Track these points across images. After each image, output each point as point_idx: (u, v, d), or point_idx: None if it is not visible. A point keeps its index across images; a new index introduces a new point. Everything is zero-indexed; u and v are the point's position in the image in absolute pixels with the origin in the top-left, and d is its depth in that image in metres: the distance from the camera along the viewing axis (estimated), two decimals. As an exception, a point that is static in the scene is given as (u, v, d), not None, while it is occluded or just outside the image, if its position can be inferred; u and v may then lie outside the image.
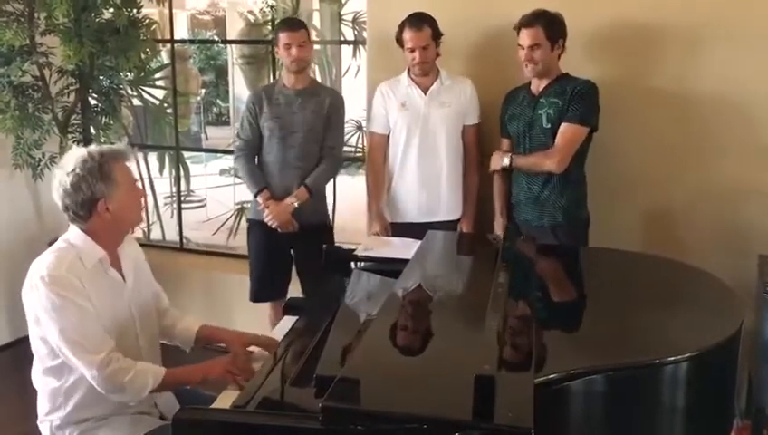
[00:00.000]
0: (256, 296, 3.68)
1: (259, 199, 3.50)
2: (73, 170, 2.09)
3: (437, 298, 2.32)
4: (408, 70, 3.43)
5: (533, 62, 3.13)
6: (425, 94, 3.39)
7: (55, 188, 2.12)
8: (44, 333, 2.09)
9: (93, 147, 2.17)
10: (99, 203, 2.11)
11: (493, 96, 3.45)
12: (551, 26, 3.11)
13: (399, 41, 3.36)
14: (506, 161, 3.23)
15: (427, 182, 3.42)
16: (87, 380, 2.08)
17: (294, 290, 3.62)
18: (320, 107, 3.51)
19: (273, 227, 3.49)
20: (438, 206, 3.45)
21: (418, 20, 3.30)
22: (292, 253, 3.65)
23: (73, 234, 2.16)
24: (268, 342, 2.29)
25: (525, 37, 3.12)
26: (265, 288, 3.64)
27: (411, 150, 3.42)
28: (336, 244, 3.67)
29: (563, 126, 3.12)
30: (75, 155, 2.13)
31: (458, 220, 3.49)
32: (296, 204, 3.47)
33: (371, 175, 3.55)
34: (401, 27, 3.33)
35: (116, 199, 2.13)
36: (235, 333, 2.38)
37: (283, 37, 3.43)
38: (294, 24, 3.52)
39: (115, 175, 2.13)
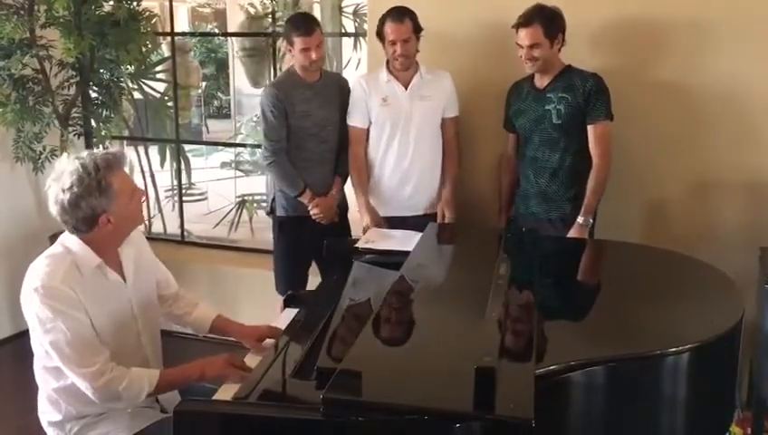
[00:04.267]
0: (289, 289, 3.36)
1: (304, 200, 3.45)
2: (71, 188, 2.02)
3: (438, 290, 2.32)
4: (387, 63, 3.39)
5: (534, 60, 3.11)
6: (405, 89, 3.36)
7: (52, 202, 2.06)
8: (40, 340, 2.09)
9: (87, 157, 2.08)
10: (100, 218, 2.08)
11: (489, 90, 3.46)
12: (549, 24, 3.07)
13: (380, 34, 3.31)
14: (589, 221, 3.14)
15: (410, 176, 3.40)
16: None
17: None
18: (339, 97, 3.50)
19: (322, 222, 3.47)
20: (421, 199, 3.43)
21: (399, 13, 3.26)
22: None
23: (71, 239, 2.13)
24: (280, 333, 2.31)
25: (524, 37, 3.09)
26: (298, 281, 3.57)
27: (393, 145, 3.38)
28: (350, 228, 3.68)
29: (594, 127, 3.12)
30: (70, 169, 2.05)
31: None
32: (338, 196, 3.53)
33: (356, 169, 3.48)
34: (382, 21, 3.29)
35: (117, 211, 2.09)
36: (249, 327, 2.38)
37: (299, 42, 3.31)
38: (309, 25, 3.34)
39: (114, 187, 2.07)
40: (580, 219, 3.13)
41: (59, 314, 2.01)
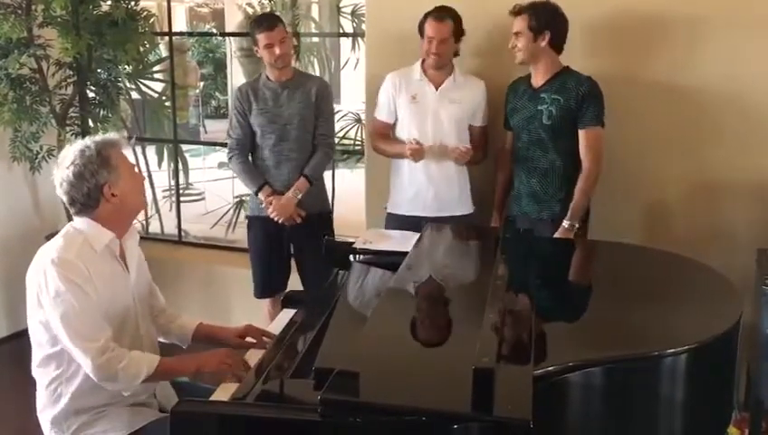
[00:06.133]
0: (263, 292, 3.67)
1: (261, 196, 3.50)
2: (73, 162, 2.12)
3: (436, 290, 2.31)
4: (423, 61, 3.40)
5: (516, 50, 3.17)
6: (436, 90, 3.37)
7: (59, 184, 2.15)
8: (46, 317, 2.09)
9: (87, 138, 2.20)
10: (104, 189, 2.14)
11: (490, 91, 3.45)
12: (536, 16, 3.09)
13: (421, 29, 3.32)
14: (575, 225, 3.14)
15: (436, 177, 3.39)
16: None
17: (293, 283, 3.62)
18: (307, 97, 3.52)
19: (279, 221, 3.49)
20: (447, 201, 3.42)
21: (442, 12, 3.29)
22: (292, 246, 3.65)
23: (80, 222, 2.18)
24: (261, 332, 2.36)
25: (513, 25, 3.16)
26: (270, 283, 3.64)
27: None
28: (335, 236, 3.66)
29: (585, 132, 3.12)
30: (72, 149, 2.16)
31: (468, 216, 3.46)
32: (299, 196, 3.49)
33: (380, 150, 3.52)
34: (425, 17, 3.30)
35: (119, 184, 2.16)
36: (229, 328, 2.43)
37: (262, 38, 3.40)
38: (270, 21, 3.45)
39: (114, 160, 2.16)
40: (565, 223, 3.13)
41: (72, 285, 2.05)
